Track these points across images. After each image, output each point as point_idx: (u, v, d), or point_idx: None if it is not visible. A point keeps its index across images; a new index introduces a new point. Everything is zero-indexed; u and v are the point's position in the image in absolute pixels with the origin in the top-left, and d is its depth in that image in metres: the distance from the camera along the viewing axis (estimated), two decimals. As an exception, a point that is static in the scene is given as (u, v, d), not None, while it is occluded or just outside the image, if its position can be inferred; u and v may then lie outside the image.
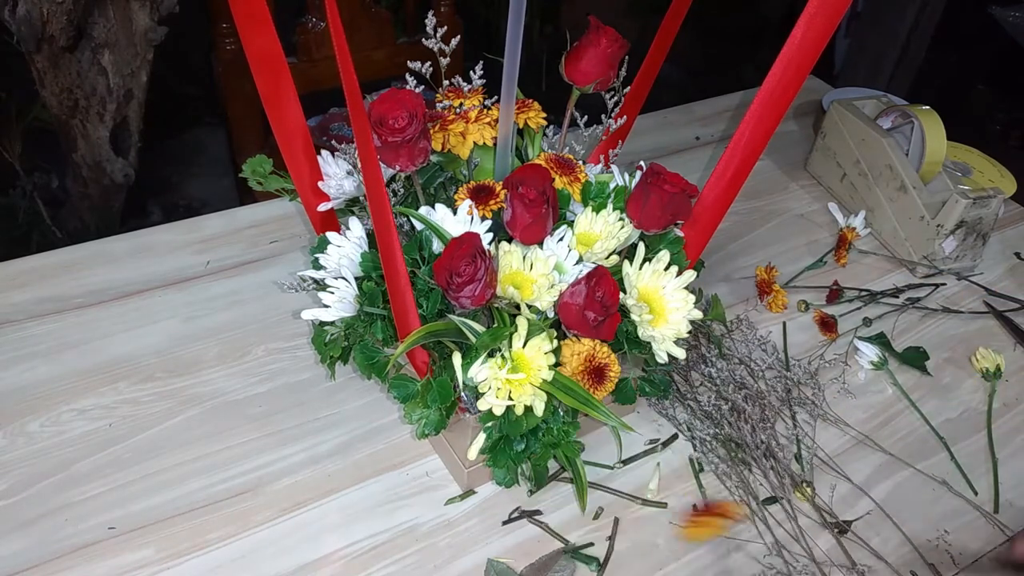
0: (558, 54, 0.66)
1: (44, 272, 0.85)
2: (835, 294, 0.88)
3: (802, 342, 0.84)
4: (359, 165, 0.58)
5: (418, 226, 0.60)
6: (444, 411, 0.59)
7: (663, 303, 0.60)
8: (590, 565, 0.63)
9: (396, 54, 1.52)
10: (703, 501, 0.68)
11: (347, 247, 0.62)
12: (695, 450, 0.72)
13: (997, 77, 2.46)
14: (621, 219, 0.61)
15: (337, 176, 0.63)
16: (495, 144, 0.63)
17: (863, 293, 0.90)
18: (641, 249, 0.61)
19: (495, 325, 0.58)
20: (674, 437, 0.73)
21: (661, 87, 0.76)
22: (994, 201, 0.89)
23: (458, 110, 0.65)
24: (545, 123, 0.67)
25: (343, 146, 0.67)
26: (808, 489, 0.68)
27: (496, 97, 0.61)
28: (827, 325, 0.84)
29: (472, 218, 0.59)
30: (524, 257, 0.59)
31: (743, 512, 0.67)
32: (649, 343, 0.60)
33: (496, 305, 0.58)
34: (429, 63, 0.64)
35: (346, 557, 0.63)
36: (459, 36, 0.64)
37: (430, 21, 0.64)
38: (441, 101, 0.67)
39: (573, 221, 0.62)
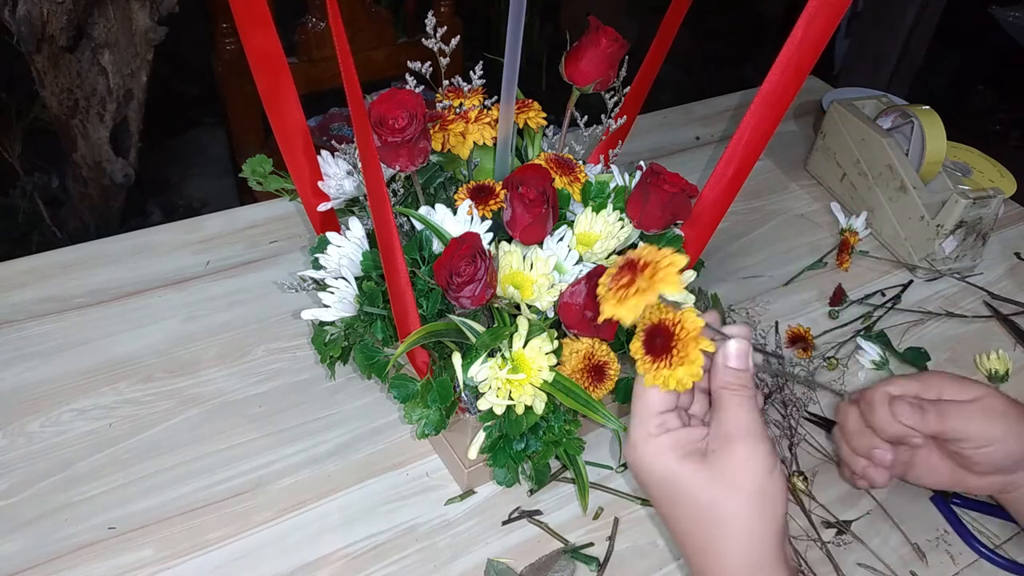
0: (558, 54, 0.66)
1: (44, 272, 0.85)
2: (838, 297, 0.88)
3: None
4: (359, 165, 0.58)
5: (418, 226, 0.60)
6: (444, 411, 0.59)
7: (663, 303, 0.60)
8: (590, 565, 0.63)
9: (396, 54, 1.52)
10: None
11: (347, 247, 0.62)
12: None
13: (997, 77, 2.46)
14: (621, 219, 0.61)
15: (337, 176, 0.63)
16: (495, 144, 0.63)
17: (867, 297, 0.90)
18: (641, 249, 0.61)
19: (495, 325, 0.58)
20: (674, 437, 0.73)
21: (661, 87, 0.76)
22: (994, 201, 0.89)
23: (458, 110, 0.65)
24: (545, 123, 0.67)
25: (343, 146, 0.67)
26: (800, 481, 0.68)
27: (496, 97, 0.61)
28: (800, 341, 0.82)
29: (472, 218, 0.59)
30: (524, 257, 0.59)
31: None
32: (649, 343, 0.60)
33: (496, 305, 0.58)
34: (429, 63, 0.64)
35: (346, 557, 0.63)
36: (459, 36, 0.63)
37: (430, 21, 0.64)
38: (441, 101, 0.67)
39: (573, 221, 0.62)
